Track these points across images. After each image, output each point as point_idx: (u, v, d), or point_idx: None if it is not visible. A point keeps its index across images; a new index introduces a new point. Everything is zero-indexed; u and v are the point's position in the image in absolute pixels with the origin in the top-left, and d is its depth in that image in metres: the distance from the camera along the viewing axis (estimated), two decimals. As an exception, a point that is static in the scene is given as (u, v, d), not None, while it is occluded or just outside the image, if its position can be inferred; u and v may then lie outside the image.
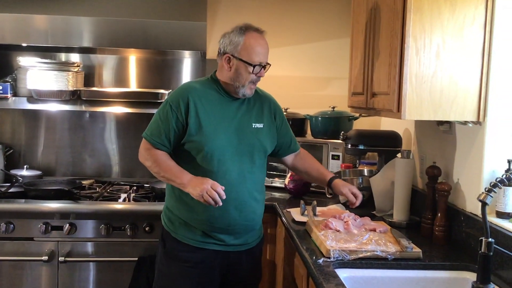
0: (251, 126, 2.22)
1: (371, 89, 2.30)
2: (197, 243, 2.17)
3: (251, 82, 2.15)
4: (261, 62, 2.13)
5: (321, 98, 3.55)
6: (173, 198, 2.23)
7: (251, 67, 2.12)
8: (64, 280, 2.77)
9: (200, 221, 2.15)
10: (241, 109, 2.22)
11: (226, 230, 2.17)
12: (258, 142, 2.23)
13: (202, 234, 2.17)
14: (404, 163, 2.40)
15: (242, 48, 2.12)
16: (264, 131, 2.26)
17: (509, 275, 1.73)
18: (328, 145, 3.09)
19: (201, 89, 2.19)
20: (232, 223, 2.17)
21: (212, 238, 2.18)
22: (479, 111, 1.97)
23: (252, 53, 2.12)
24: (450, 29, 1.92)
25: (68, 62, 3.24)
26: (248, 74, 2.13)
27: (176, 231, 2.21)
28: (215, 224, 2.15)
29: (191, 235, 2.18)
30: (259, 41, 2.14)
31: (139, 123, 3.47)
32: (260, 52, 2.13)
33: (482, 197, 1.36)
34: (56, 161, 3.46)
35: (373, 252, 1.90)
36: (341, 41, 3.50)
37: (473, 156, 2.07)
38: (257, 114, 2.26)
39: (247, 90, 2.16)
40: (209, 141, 2.12)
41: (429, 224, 2.23)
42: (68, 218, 2.75)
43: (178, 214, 2.20)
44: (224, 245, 2.19)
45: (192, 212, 2.16)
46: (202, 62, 3.45)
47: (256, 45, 2.12)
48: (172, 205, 2.24)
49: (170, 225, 2.23)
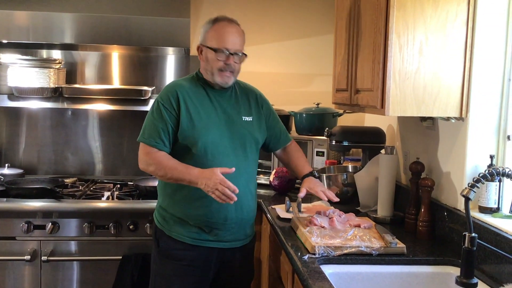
0: (241, 119, 2.23)
1: (355, 86, 2.31)
2: (192, 241, 2.16)
3: (220, 70, 2.13)
4: (227, 48, 2.11)
5: (305, 95, 3.55)
6: (167, 196, 2.21)
7: (216, 53, 2.11)
8: (47, 280, 2.74)
9: (197, 216, 2.14)
10: (229, 103, 2.23)
11: (222, 225, 2.16)
12: (249, 135, 2.23)
13: (198, 231, 2.16)
14: (388, 159, 2.41)
15: (209, 36, 2.14)
16: (254, 124, 2.27)
17: (492, 269, 1.75)
18: (313, 141, 3.10)
19: (188, 85, 2.19)
20: (228, 218, 2.16)
21: (207, 235, 2.16)
22: (461, 107, 1.98)
23: (217, 39, 2.12)
24: (433, 26, 1.93)
25: (50, 59, 3.20)
26: (215, 61, 2.12)
27: (170, 229, 2.19)
28: (212, 219, 2.14)
29: (186, 233, 2.16)
30: (227, 28, 2.14)
31: (122, 121, 3.46)
32: (226, 38, 2.12)
33: (465, 192, 1.37)
34: (38, 160, 3.42)
35: (357, 248, 1.91)
36: (325, 38, 3.51)
37: (456, 152, 2.09)
38: (245, 107, 2.27)
39: (218, 77, 2.15)
40: (202, 136, 2.12)
41: (413, 220, 2.24)
42: (51, 217, 2.72)
43: (173, 211, 2.18)
44: (220, 241, 2.18)
45: (188, 208, 2.15)
46: (186, 59, 3.44)
47: (222, 32, 2.12)
48: (166, 203, 2.22)
49: (164, 224, 2.21)
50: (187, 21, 3.01)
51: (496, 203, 1.93)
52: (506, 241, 1.70)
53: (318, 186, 2.28)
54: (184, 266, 2.16)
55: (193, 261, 2.17)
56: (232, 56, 2.13)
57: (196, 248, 2.17)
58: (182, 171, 2.06)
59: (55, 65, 3.15)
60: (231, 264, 2.26)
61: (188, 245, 2.16)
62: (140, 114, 3.36)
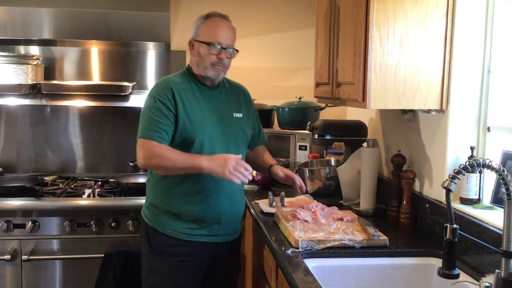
0: (232, 115, 2.24)
1: (336, 79, 2.30)
2: (187, 236, 2.15)
3: (213, 64, 2.13)
4: (219, 43, 2.12)
5: (287, 89, 3.55)
6: (160, 193, 2.19)
7: (208, 46, 2.11)
8: (28, 279, 2.70)
9: (193, 212, 2.13)
10: (220, 99, 2.23)
11: (218, 220, 2.16)
12: (241, 131, 2.25)
13: (192, 226, 2.15)
14: (370, 152, 2.42)
15: (201, 31, 2.15)
16: (244, 120, 2.28)
17: (473, 260, 1.76)
18: (295, 135, 3.10)
19: (181, 81, 2.17)
20: (224, 212, 2.17)
21: (202, 230, 2.16)
22: (442, 99, 1.99)
23: (209, 33, 2.12)
24: (413, 18, 1.93)
25: (27, 55, 3.15)
26: (208, 55, 2.12)
27: (164, 225, 2.16)
28: (208, 214, 2.14)
29: (181, 229, 2.15)
30: (219, 23, 2.15)
31: (103, 117, 3.42)
32: (218, 33, 2.12)
33: (446, 184, 1.37)
34: (17, 157, 3.37)
35: (341, 241, 1.91)
36: (306, 31, 3.50)
37: (437, 144, 2.10)
38: (235, 104, 2.28)
39: (210, 71, 2.15)
40: (199, 131, 2.11)
41: (395, 212, 2.25)
42: (31, 216, 2.68)
43: (167, 208, 2.16)
44: (213, 235, 2.18)
45: (184, 203, 2.13)
46: (167, 54, 3.41)
47: (215, 26, 2.13)
48: (158, 200, 2.19)
49: (156, 221, 2.18)
50: (167, 15, 2.98)
51: (477, 194, 1.94)
52: (487, 232, 1.71)
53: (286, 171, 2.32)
54: (179, 262, 2.15)
55: (187, 257, 2.16)
56: (224, 50, 2.13)
57: (191, 244, 2.16)
58: (190, 159, 2.04)
59: (32, 61, 3.10)
60: (223, 258, 2.26)
61: (182, 241, 2.15)
62: (121, 110, 3.34)
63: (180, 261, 2.16)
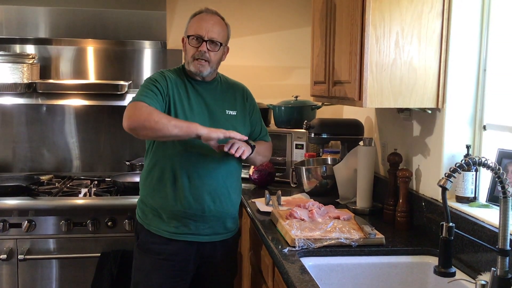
0: (225, 113, 2.22)
1: (332, 78, 2.31)
2: (170, 235, 2.14)
3: (194, 58, 2.12)
4: (199, 34, 2.11)
5: (283, 88, 3.55)
6: (148, 188, 2.19)
7: (189, 39, 2.12)
8: (24, 279, 2.69)
9: (174, 207, 2.12)
10: (212, 96, 2.22)
11: (200, 217, 2.15)
12: (232, 129, 2.17)
13: (176, 224, 2.14)
14: (366, 151, 2.42)
15: (188, 26, 2.17)
16: (237, 118, 2.25)
17: (469, 258, 1.77)
18: (292, 134, 3.10)
19: (174, 77, 2.18)
20: (206, 210, 2.15)
21: (185, 228, 2.14)
22: (438, 98, 2.00)
23: (193, 27, 2.13)
24: (409, 17, 1.94)
25: (23, 54, 3.13)
26: (190, 48, 2.14)
27: (149, 223, 2.18)
28: (189, 210, 2.13)
29: (164, 227, 2.15)
30: (204, 17, 2.15)
31: (99, 116, 3.41)
32: (200, 25, 2.12)
33: (442, 182, 1.38)
34: (13, 157, 3.35)
35: (337, 240, 1.91)
36: (302, 30, 3.50)
37: (433, 143, 2.11)
38: (230, 101, 2.26)
39: (192, 66, 2.14)
40: None
41: (391, 211, 2.26)
42: (27, 215, 2.67)
43: (152, 203, 2.16)
44: (197, 235, 2.16)
45: (166, 199, 2.13)
46: (163, 52, 3.40)
47: (198, 20, 2.14)
48: (146, 194, 2.21)
49: (143, 218, 2.20)
50: (163, 14, 2.97)
51: (473, 193, 1.95)
52: (483, 230, 1.72)
53: None
54: (162, 260, 2.15)
55: (171, 255, 2.15)
56: (205, 42, 2.11)
57: (174, 242, 2.15)
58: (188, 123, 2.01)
59: (28, 60, 3.09)
60: (212, 259, 2.24)
61: (165, 239, 2.14)
62: (117, 109, 3.32)
63: (163, 259, 2.15)
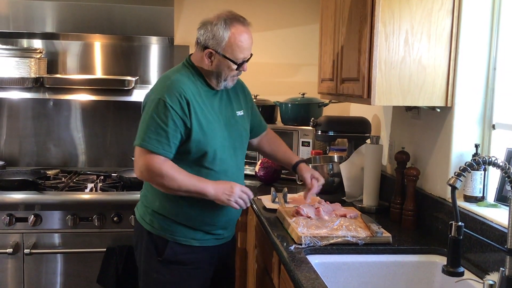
0: (236, 115, 2.14)
1: (340, 75, 2.30)
2: (199, 242, 2.07)
3: (233, 76, 2.04)
4: (245, 58, 2.01)
5: (290, 85, 3.54)
6: (167, 203, 2.04)
7: (235, 65, 1.99)
8: (30, 273, 2.70)
9: (202, 220, 2.05)
10: (223, 99, 2.11)
11: (226, 225, 2.13)
12: (244, 131, 2.17)
13: (203, 232, 2.08)
14: (373, 148, 2.41)
15: (227, 45, 1.95)
16: (245, 117, 2.19)
17: (477, 258, 1.76)
18: (298, 131, 3.09)
19: (190, 83, 2.00)
20: (231, 218, 2.14)
21: (211, 235, 2.10)
22: (447, 97, 1.98)
23: (237, 51, 1.97)
24: (419, 15, 1.93)
25: (30, 49, 3.14)
26: (230, 70, 2.00)
27: (173, 233, 2.05)
28: (217, 223, 2.08)
29: (192, 235, 2.06)
30: (245, 36, 1.98)
31: (105, 111, 3.41)
32: (245, 48, 1.98)
33: (451, 181, 1.37)
34: (20, 151, 3.36)
35: (343, 238, 1.91)
36: (310, 27, 3.49)
37: (441, 141, 2.09)
38: (236, 101, 2.18)
39: (229, 83, 2.06)
40: (212, 141, 2.00)
41: (398, 209, 2.25)
42: (33, 209, 2.68)
43: (175, 218, 2.04)
44: (221, 239, 2.14)
45: (192, 214, 2.03)
46: (170, 48, 3.39)
47: (242, 42, 1.97)
48: (166, 210, 2.04)
49: (163, 229, 2.05)
50: (170, 9, 2.97)
51: (481, 192, 1.94)
52: (491, 229, 1.71)
53: (315, 173, 2.25)
54: (192, 269, 2.08)
55: (199, 263, 2.09)
56: (246, 62, 2.04)
57: (202, 249, 2.09)
58: (195, 185, 1.94)
59: (35, 54, 3.09)
60: (226, 257, 2.24)
61: (195, 247, 2.07)
62: (124, 105, 3.33)
63: (194, 269, 2.08)
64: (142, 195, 2.18)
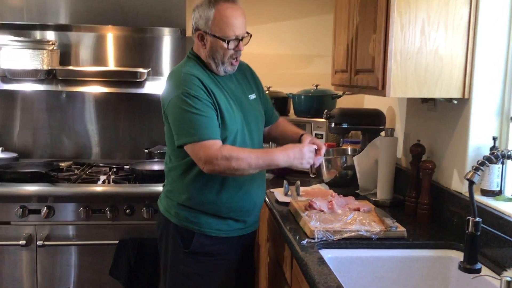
0: (249, 99, 2.12)
1: (354, 67, 2.25)
2: (226, 233, 2.07)
3: (230, 58, 2.01)
4: (237, 35, 1.97)
5: (303, 76, 3.50)
6: (193, 194, 2.03)
7: (226, 43, 1.96)
8: (43, 265, 2.71)
9: (229, 208, 2.04)
10: (234, 85, 2.10)
11: (252, 211, 2.11)
12: (259, 115, 2.15)
13: (229, 222, 2.07)
14: (388, 141, 2.37)
15: (213, 23, 1.95)
16: (258, 100, 2.18)
17: (494, 253, 1.71)
18: (312, 124, 3.05)
19: (200, 72, 1.99)
20: (257, 201, 2.13)
21: (237, 224, 2.08)
22: (464, 88, 1.93)
23: (224, 28, 1.94)
24: (435, 4, 1.87)
25: (43, 40, 3.14)
26: (224, 50, 1.97)
27: (200, 225, 2.04)
28: (244, 207, 2.07)
29: (219, 226, 2.05)
30: (232, 12, 1.95)
31: (118, 103, 3.40)
32: (234, 24, 1.95)
33: (469, 175, 1.33)
34: (33, 143, 3.37)
35: (357, 232, 1.88)
36: (324, 18, 3.44)
37: (458, 134, 2.05)
38: (247, 85, 2.16)
39: (228, 67, 2.03)
40: (232, 125, 1.98)
41: (413, 203, 2.21)
42: (46, 201, 2.68)
43: (202, 208, 2.03)
44: (246, 228, 2.13)
45: (218, 201, 2.02)
46: (182, 40, 3.37)
47: (229, 17, 1.94)
48: (193, 202, 2.03)
49: (190, 221, 2.04)
50: (182, 0, 2.93)
51: (499, 186, 1.89)
52: (509, 224, 1.66)
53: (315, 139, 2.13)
54: (218, 260, 2.08)
55: (225, 254, 2.09)
56: (241, 41, 2.00)
57: (227, 240, 2.08)
58: (264, 158, 1.91)
59: (48, 46, 3.08)
60: (249, 248, 2.23)
61: (221, 238, 2.06)
62: (136, 97, 3.32)
63: (220, 260, 2.08)
64: (165, 190, 2.17)
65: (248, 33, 2.03)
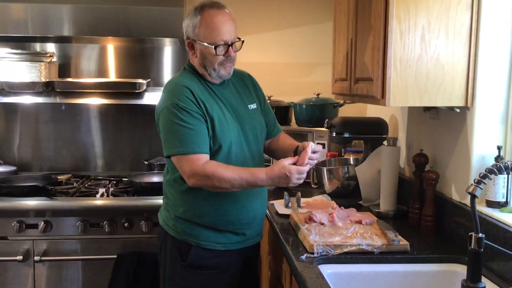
0: (248, 108, 2.08)
1: (354, 75, 2.20)
2: (223, 246, 2.03)
3: (221, 64, 1.97)
4: (225, 41, 1.93)
5: (305, 85, 3.45)
6: (189, 206, 2.01)
7: (214, 49, 1.93)
8: (40, 280, 2.66)
9: (227, 221, 2.00)
10: (232, 94, 2.07)
11: (251, 224, 2.06)
12: (259, 124, 2.11)
13: (227, 235, 2.03)
14: (391, 151, 2.31)
15: (200, 30, 1.93)
16: (258, 111, 2.13)
17: (500, 268, 1.65)
18: (313, 133, 3.00)
19: (193, 82, 1.98)
20: (256, 214, 2.07)
21: (236, 237, 2.04)
22: (467, 96, 1.88)
23: (211, 33, 1.92)
24: (436, 10, 1.82)
25: (40, 53, 3.11)
26: (213, 56, 1.94)
27: (197, 238, 2.01)
28: (242, 220, 2.03)
29: (216, 239, 2.01)
30: (218, 17, 1.93)
31: (117, 115, 3.37)
32: (221, 29, 1.92)
33: (471, 189, 1.27)
34: (33, 156, 3.34)
35: (358, 246, 1.82)
36: (325, 25, 3.38)
37: (462, 143, 1.98)
38: (246, 94, 2.12)
39: (221, 71, 1.99)
40: (226, 135, 1.95)
41: (417, 214, 2.15)
42: (43, 216, 2.64)
43: (199, 221, 2.00)
44: (246, 240, 2.08)
45: (216, 214, 1.99)
46: (182, 50, 3.33)
47: (215, 22, 1.92)
48: (189, 214, 2.01)
49: (187, 234, 2.01)
50: (181, 10, 2.90)
51: (504, 197, 1.82)
52: (515, 238, 1.60)
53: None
54: (216, 274, 2.04)
55: (224, 267, 2.05)
56: (230, 47, 1.97)
57: (227, 253, 2.04)
58: (248, 178, 1.86)
59: (46, 58, 3.06)
60: (252, 261, 2.19)
61: (218, 251, 2.02)
62: (136, 108, 3.29)
63: (219, 273, 2.04)
64: (164, 202, 2.15)
65: (240, 39, 2.00)
